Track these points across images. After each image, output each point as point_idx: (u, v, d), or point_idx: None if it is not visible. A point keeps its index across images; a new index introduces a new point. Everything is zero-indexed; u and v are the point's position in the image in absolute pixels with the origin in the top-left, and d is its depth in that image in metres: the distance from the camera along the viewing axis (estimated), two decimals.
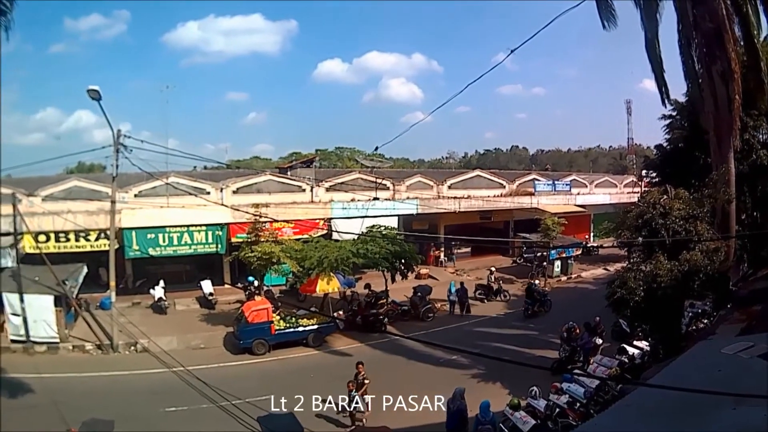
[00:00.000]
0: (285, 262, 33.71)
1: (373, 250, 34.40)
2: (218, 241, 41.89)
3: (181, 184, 40.96)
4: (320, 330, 32.15)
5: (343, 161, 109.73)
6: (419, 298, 37.03)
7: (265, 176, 46.79)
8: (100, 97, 27.00)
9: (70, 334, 33.17)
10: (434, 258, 53.12)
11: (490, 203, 52.44)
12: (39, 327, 31.51)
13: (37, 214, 37.62)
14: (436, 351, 29.33)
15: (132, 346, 31.97)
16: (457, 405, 19.57)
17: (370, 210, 44.51)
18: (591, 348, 27.14)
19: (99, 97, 26.90)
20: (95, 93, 26.72)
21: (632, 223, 26.25)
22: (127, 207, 39.38)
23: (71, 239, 39.35)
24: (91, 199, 39.52)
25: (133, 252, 40.16)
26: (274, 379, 26.91)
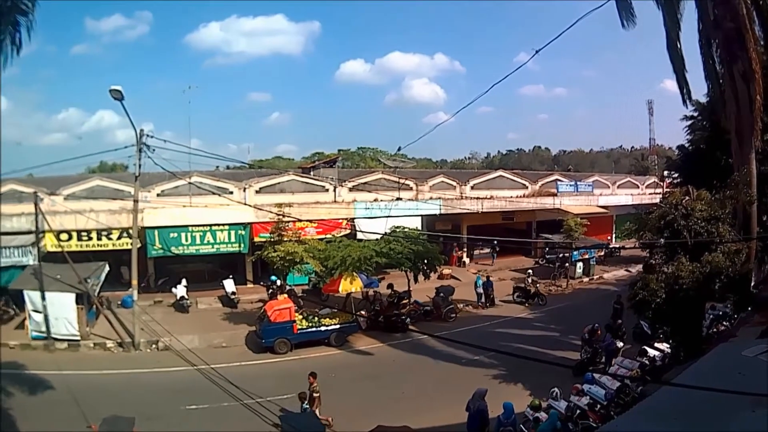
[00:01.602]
0: (308, 261, 33.64)
1: (396, 250, 34.35)
2: (241, 241, 41.91)
3: (203, 183, 41.16)
4: (342, 330, 32.00)
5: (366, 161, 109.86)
6: (442, 298, 36.74)
7: (288, 176, 46.89)
8: (123, 97, 27.03)
9: (91, 331, 33.32)
10: (457, 258, 52.93)
11: (513, 204, 52.31)
12: (60, 324, 31.64)
13: (59, 213, 37.77)
14: (459, 351, 29.43)
15: (153, 344, 32.03)
16: (477, 405, 19.46)
17: (393, 210, 44.35)
18: (613, 350, 26.86)
19: (121, 97, 26.93)
20: (118, 93, 26.74)
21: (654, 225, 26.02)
22: (150, 206, 39.58)
23: (93, 238, 39.57)
24: (113, 198, 39.63)
25: (156, 251, 40.25)
26: (296, 378, 25.82)
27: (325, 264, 33.41)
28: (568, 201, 56.28)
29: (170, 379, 26.86)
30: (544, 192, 56.60)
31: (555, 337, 32.50)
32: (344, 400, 24.01)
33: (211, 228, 41.48)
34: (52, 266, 33.32)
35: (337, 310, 33.38)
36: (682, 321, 23.76)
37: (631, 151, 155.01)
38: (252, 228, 41.66)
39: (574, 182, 60.75)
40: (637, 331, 30.02)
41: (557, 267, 48.53)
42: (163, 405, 22.57)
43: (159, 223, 40.05)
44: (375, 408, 23.08)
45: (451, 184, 52.31)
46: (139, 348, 31.67)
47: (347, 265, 32.62)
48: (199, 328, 34.43)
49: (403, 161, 59.51)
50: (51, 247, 37.21)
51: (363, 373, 28.02)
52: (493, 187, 53.97)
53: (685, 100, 27.68)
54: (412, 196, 48.76)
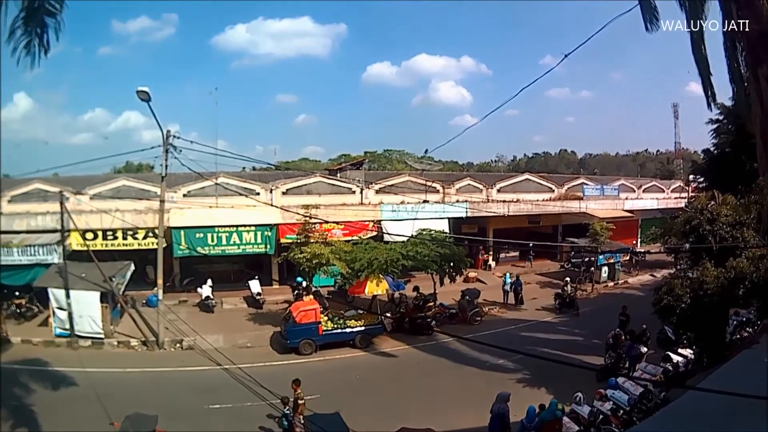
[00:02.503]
0: (334, 263, 33.58)
1: (422, 253, 34.09)
2: (267, 242, 41.89)
3: (230, 184, 41.22)
4: (367, 331, 31.98)
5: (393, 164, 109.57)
6: (467, 301, 36.50)
7: (315, 178, 46.87)
8: (150, 99, 26.98)
9: (115, 330, 33.53)
10: (482, 262, 52.63)
11: (539, 207, 52.08)
12: (84, 322, 31.81)
13: (84, 212, 37.97)
14: (483, 355, 29.33)
15: (177, 343, 32.12)
16: (498, 408, 19.51)
17: (420, 213, 44.35)
18: (636, 355, 26.62)
19: (148, 98, 26.88)
20: (144, 94, 26.71)
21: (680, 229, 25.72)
22: (176, 206, 39.67)
23: (119, 237, 39.78)
24: (139, 198, 39.87)
25: (182, 251, 40.40)
26: (321, 379, 26.68)
27: (351, 266, 33.26)
28: (594, 205, 55.86)
29: (194, 378, 26.99)
30: (570, 196, 56.11)
31: (579, 341, 32.16)
32: (368, 401, 24.14)
33: (238, 229, 41.50)
34: (77, 265, 33.54)
35: (362, 312, 33.26)
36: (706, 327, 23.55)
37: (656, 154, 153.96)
38: (278, 229, 41.69)
39: (600, 186, 60.21)
40: (661, 337, 29.66)
41: (582, 271, 47.98)
42: (186, 403, 22.64)
43: (185, 223, 40.18)
44: (398, 409, 23.10)
45: (478, 187, 51.87)
46: (163, 347, 31.74)
47: (374, 268, 32.44)
48: (223, 328, 34.45)
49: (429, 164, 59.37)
50: (76, 246, 37.24)
51: (387, 374, 28.01)
52: (519, 190, 53.48)
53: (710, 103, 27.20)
54: (439, 198, 48.46)
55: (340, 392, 24.84)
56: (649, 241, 53.21)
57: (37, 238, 37.23)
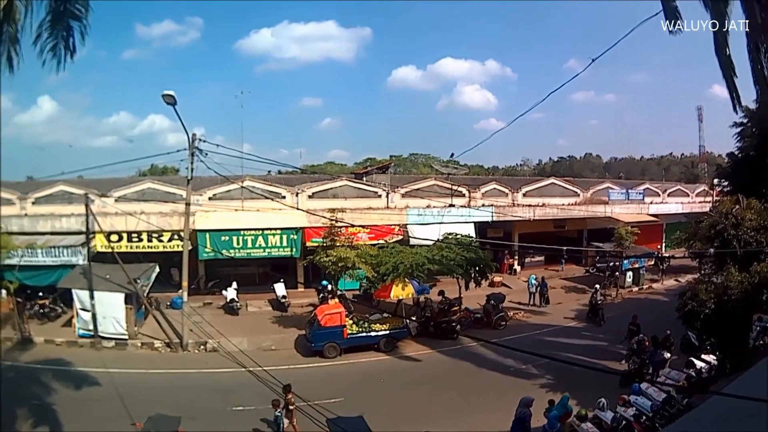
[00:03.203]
0: (360, 267, 33.50)
1: (448, 257, 33.72)
2: (293, 245, 41.94)
3: (256, 187, 41.29)
4: (392, 335, 31.86)
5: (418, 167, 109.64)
6: (492, 306, 36.30)
7: (341, 181, 46.88)
8: (175, 102, 26.94)
9: (139, 331, 33.76)
10: (508, 266, 52.49)
11: (565, 211, 51.62)
12: (108, 323, 32.08)
13: (109, 215, 38.26)
14: (507, 360, 29.28)
15: (202, 345, 32.21)
16: (520, 413, 19.57)
17: (446, 217, 44.19)
18: (660, 361, 26.21)
19: (174, 101, 26.84)
20: (170, 98, 26.68)
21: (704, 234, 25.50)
22: (201, 209, 39.83)
23: (143, 239, 39.96)
24: (164, 200, 40.12)
25: (207, 253, 40.59)
26: (345, 383, 26.85)
27: (377, 270, 33.16)
28: (619, 209, 55.36)
29: (217, 379, 27.05)
30: (596, 200, 55.60)
31: (603, 346, 31.87)
32: (392, 404, 24.11)
33: (263, 232, 41.59)
34: (102, 266, 33.84)
35: (387, 316, 33.06)
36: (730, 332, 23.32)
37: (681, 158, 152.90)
38: (304, 232, 41.73)
39: (626, 190, 59.81)
40: (684, 342, 29.37)
41: (607, 276, 47.65)
42: (209, 405, 22.70)
43: (210, 226, 40.39)
44: (422, 413, 23.09)
45: (503, 191, 51.54)
46: (187, 348, 31.87)
47: (399, 272, 32.31)
48: (248, 330, 34.49)
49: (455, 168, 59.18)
50: (101, 248, 37.61)
51: (411, 378, 27.83)
52: (544, 194, 53.22)
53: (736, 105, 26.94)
54: (465, 202, 48.25)
55: (364, 395, 24.83)
56: (673, 246, 52.77)
57: (62, 239, 37.51)
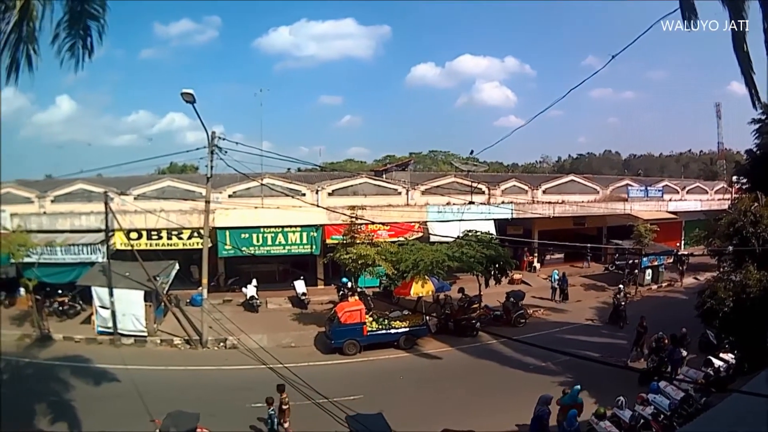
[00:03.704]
0: (380, 264, 33.39)
1: (468, 254, 33.66)
2: (313, 242, 41.99)
3: (275, 185, 41.33)
4: (412, 332, 31.81)
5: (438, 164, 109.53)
6: (512, 303, 36.24)
7: (360, 179, 47.03)
8: (194, 100, 27.05)
9: (158, 328, 33.91)
10: (527, 264, 52.44)
11: (584, 209, 51.49)
12: (127, 320, 32.24)
13: (129, 212, 38.49)
14: (527, 357, 29.32)
15: (221, 342, 32.31)
16: (538, 411, 19.70)
17: (466, 214, 44.11)
18: (678, 359, 26.11)
19: (193, 100, 26.96)
20: (189, 96, 26.77)
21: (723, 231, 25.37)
22: (221, 207, 40.03)
23: (163, 237, 40.15)
24: (184, 198, 40.39)
25: (227, 251, 40.78)
26: (364, 380, 26.94)
27: (397, 267, 33.14)
28: (638, 206, 55.07)
29: (236, 376, 27.15)
30: (615, 197, 55.51)
31: (622, 344, 31.45)
32: (411, 402, 24.11)
33: (283, 229, 41.70)
34: (121, 264, 33.92)
35: (407, 313, 33.10)
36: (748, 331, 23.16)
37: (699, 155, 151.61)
38: (324, 230, 41.75)
39: (645, 187, 59.54)
40: (703, 341, 29.19)
41: (626, 273, 47.30)
42: (228, 402, 22.70)
43: (230, 223, 40.51)
44: (441, 410, 23.03)
45: (523, 188, 51.62)
46: (207, 345, 32.03)
47: (419, 269, 32.26)
48: (268, 327, 34.56)
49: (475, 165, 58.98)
50: (120, 246, 37.80)
51: (430, 376, 27.92)
52: (564, 191, 53.10)
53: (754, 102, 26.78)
54: (485, 200, 48.19)
55: (384, 393, 24.85)
56: (692, 244, 52.48)
57: (81, 237, 37.66)
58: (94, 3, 10.60)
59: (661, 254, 47.99)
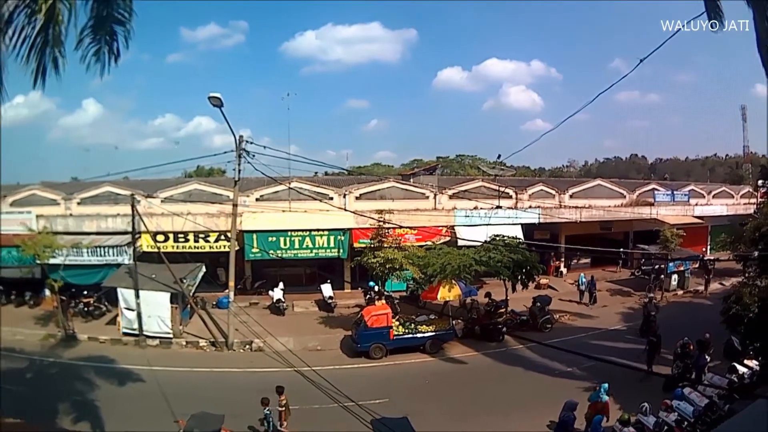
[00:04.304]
0: (407, 268, 33.57)
1: (495, 258, 33.56)
2: (340, 246, 42.07)
3: (303, 189, 41.42)
4: (438, 337, 31.74)
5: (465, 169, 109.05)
6: (539, 308, 36.04)
7: (388, 183, 47.00)
8: (222, 104, 27.20)
9: (184, 330, 34.19)
10: (554, 268, 52.14)
11: (611, 213, 51.04)
12: (152, 322, 32.59)
13: (155, 215, 38.73)
14: (552, 363, 29.15)
15: (247, 344, 32.44)
16: (563, 417, 19.73)
17: (493, 218, 44.06)
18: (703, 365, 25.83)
19: (221, 103, 27.10)
20: (217, 100, 26.91)
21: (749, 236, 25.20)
22: (249, 210, 40.12)
23: (190, 240, 40.45)
24: (211, 201, 40.54)
25: (254, 254, 40.88)
26: (390, 384, 26.89)
27: (424, 271, 33.12)
28: (665, 211, 54.56)
29: (262, 379, 26.99)
30: (641, 201, 55.13)
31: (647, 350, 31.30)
32: (436, 406, 24.09)
33: (311, 233, 41.80)
34: (148, 266, 34.34)
35: (434, 317, 33.11)
36: None
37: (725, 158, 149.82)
38: (351, 233, 41.82)
39: (671, 192, 58.91)
40: (728, 347, 28.69)
41: (652, 279, 46.94)
42: (253, 404, 22.28)
43: (258, 226, 40.65)
44: (466, 415, 23.13)
45: (550, 192, 51.45)
46: (233, 348, 32.13)
47: (446, 273, 32.06)
48: (294, 330, 34.68)
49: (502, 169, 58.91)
50: (147, 248, 38.11)
51: (456, 380, 27.84)
52: (591, 196, 52.93)
53: None
54: (512, 204, 48.13)
55: (409, 397, 24.86)
56: (718, 249, 52.09)
57: (107, 239, 37.88)
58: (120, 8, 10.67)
59: (687, 259, 47.57)
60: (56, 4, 9.55)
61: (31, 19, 9.66)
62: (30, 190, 45.32)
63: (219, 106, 27.12)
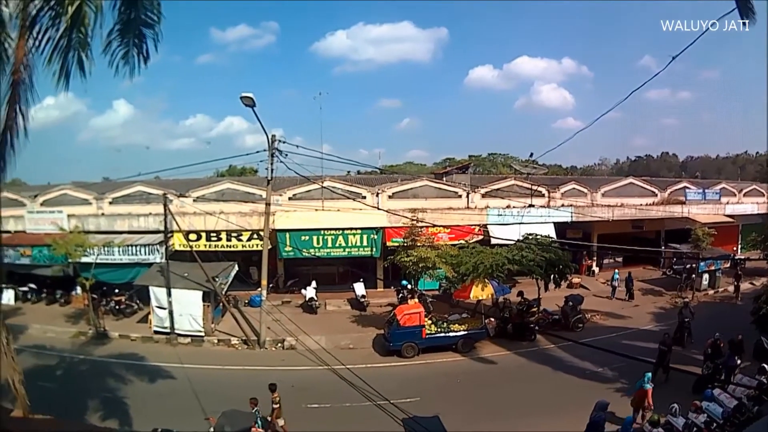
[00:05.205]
0: (440, 267, 33.53)
1: (528, 257, 33.39)
2: (373, 245, 42.16)
3: (335, 187, 41.68)
4: (470, 336, 31.64)
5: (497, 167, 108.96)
6: (570, 307, 35.82)
7: (421, 181, 46.99)
8: (254, 104, 27.24)
9: (216, 328, 34.47)
10: (586, 267, 51.90)
11: (643, 212, 50.71)
12: (184, 320, 32.95)
13: (187, 214, 39.38)
14: (584, 363, 29.11)
15: (279, 342, 32.65)
16: (594, 417, 19.55)
17: (525, 217, 44.03)
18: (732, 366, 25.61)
19: (253, 103, 27.14)
20: (249, 100, 26.97)
21: None
22: (282, 209, 40.38)
23: (222, 239, 40.76)
24: (243, 201, 41.01)
25: (287, 252, 41.28)
26: (421, 383, 26.92)
27: (457, 270, 33.02)
28: (696, 209, 54.06)
29: (293, 377, 27.19)
30: (673, 200, 54.66)
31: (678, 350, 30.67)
32: (467, 406, 23.99)
33: (344, 232, 41.93)
34: (180, 264, 34.52)
35: (466, 316, 33.15)
36: None
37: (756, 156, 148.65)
38: (384, 232, 41.95)
39: (702, 190, 58.48)
40: (757, 348, 28.37)
41: (683, 278, 46.69)
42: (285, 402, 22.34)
43: (290, 225, 40.89)
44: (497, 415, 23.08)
45: (582, 191, 51.09)
46: (264, 346, 32.35)
47: (479, 272, 32.08)
48: (326, 329, 34.82)
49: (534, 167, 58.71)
50: (179, 246, 38.52)
51: (488, 380, 27.84)
52: (623, 194, 52.52)
53: None
54: (544, 203, 48.01)
55: (441, 396, 24.88)
56: (749, 248, 51.65)
57: (139, 238, 38.33)
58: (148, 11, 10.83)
59: (718, 258, 47.15)
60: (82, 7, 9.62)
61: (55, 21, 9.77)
62: (61, 189, 46.05)
63: (251, 106, 27.20)
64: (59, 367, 28.28)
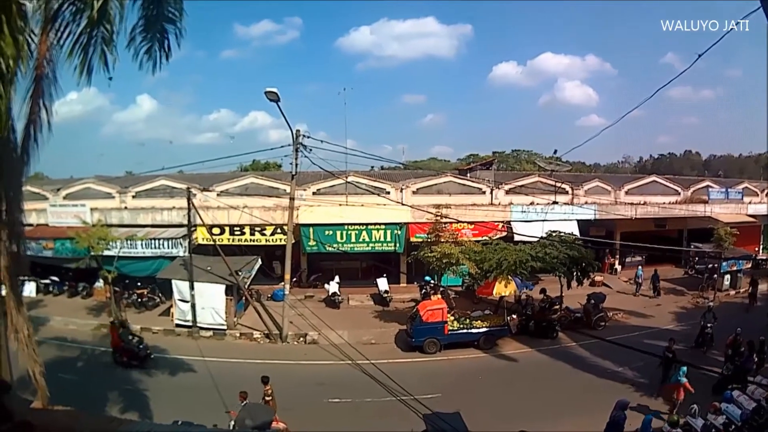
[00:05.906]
0: (464, 263, 33.46)
1: (551, 254, 33.46)
2: (397, 240, 42.24)
3: (359, 183, 41.81)
4: (492, 333, 31.69)
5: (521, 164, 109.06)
6: (593, 305, 35.78)
7: (445, 177, 47.03)
8: (279, 99, 27.34)
9: (238, 322, 34.69)
10: (608, 266, 51.74)
11: (665, 210, 50.53)
12: (206, 314, 33.11)
13: (211, 208, 39.76)
14: (604, 362, 29.07)
15: (301, 336, 32.74)
16: (614, 416, 19.50)
17: (549, 214, 43.97)
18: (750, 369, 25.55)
19: (277, 98, 27.25)
20: (273, 95, 27.06)
21: None
22: (306, 204, 40.53)
23: (246, 233, 41.08)
24: (267, 195, 41.32)
25: (311, 247, 41.49)
26: (443, 379, 26.99)
27: (480, 266, 33.01)
28: (718, 209, 53.35)
29: (315, 372, 27.58)
30: (696, 199, 54.37)
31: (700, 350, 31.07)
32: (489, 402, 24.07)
33: (367, 227, 42.02)
34: (203, 258, 34.97)
35: (488, 313, 33.20)
36: None
37: None
38: (408, 228, 41.97)
39: (725, 189, 57.80)
40: None
41: (705, 278, 46.45)
42: (305, 397, 23.04)
43: (314, 220, 41.17)
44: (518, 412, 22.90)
45: (606, 188, 51.02)
46: (287, 340, 32.48)
47: (503, 269, 32.12)
48: (349, 324, 34.84)
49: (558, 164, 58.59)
50: (202, 240, 38.68)
51: (509, 377, 27.84)
52: (646, 192, 52.29)
53: None
54: (568, 200, 47.99)
55: (462, 392, 24.86)
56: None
57: (162, 231, 38.48)
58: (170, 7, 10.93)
59: (740, 259, 46.89)
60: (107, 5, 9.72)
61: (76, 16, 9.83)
62: (84, 183, 46.41)
63: (276, 101, 27.32)
64: (80, 359, 28.67)
